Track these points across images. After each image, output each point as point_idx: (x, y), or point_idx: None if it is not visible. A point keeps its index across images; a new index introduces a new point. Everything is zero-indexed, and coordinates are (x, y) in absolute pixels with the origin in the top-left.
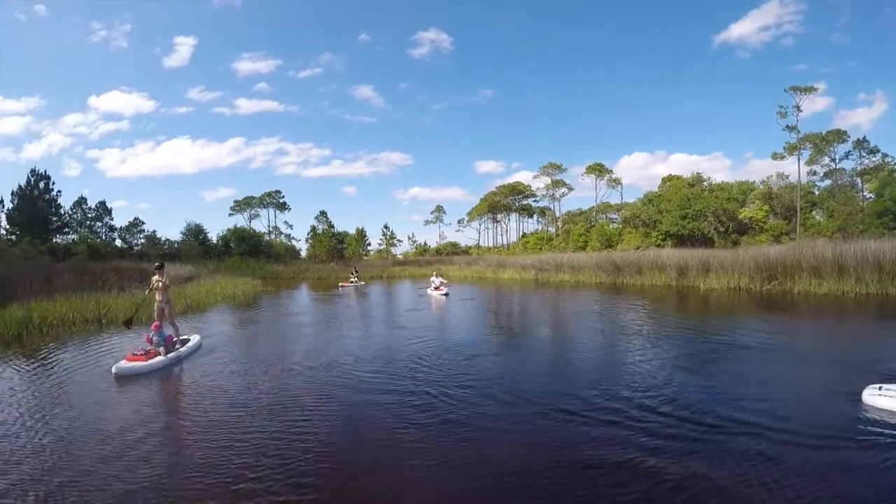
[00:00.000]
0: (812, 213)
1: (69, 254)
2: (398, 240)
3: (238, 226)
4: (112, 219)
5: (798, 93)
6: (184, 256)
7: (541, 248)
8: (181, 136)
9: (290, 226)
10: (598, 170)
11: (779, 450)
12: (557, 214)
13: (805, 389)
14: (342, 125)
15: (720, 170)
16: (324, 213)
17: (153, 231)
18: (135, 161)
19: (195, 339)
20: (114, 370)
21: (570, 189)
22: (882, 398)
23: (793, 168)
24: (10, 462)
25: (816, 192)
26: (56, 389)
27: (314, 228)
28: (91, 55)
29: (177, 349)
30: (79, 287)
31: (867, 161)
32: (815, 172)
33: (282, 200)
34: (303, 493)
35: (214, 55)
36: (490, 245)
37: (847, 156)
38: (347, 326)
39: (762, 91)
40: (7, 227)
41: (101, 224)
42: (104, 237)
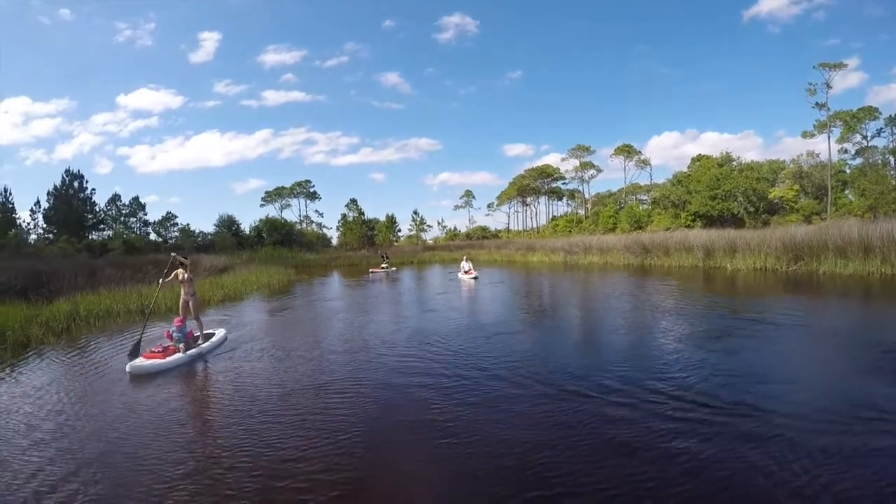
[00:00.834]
0: (844, 193)
1: (106, 249)
2: (428, 225)
3: (269, 216)
4: (146, 213)
5: (827, 69)
6: (217, 247)
7: (570, 231)
8: (210, 130)
9: (321, 214)
10: (627, 151)
11: (809, 432)
12: (587, 197)
13: (831, 371)
14: (370, 112)
15: (751, 148)
16: (354, 201)
17: (187, 224)
18: (165, 156)
19: (220, 334)
20: (128, 368)
21: (599, 171)
22: None
23: (823, 146)
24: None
25: (847, 171)
26: (92, 379)
27: (345, 216)
28: (117, 55)
29: (199, 345)
30: (120, 280)
31: None
32: (847, 150)
33: (312, 190)
34: (336, 486)
35: (239, 49)
36: (520, 229)
37: (879, 133)
38: (379, 311)
39: (793, 66)
40: (44, 226)
41: (136, 219)
42: (139, 232)
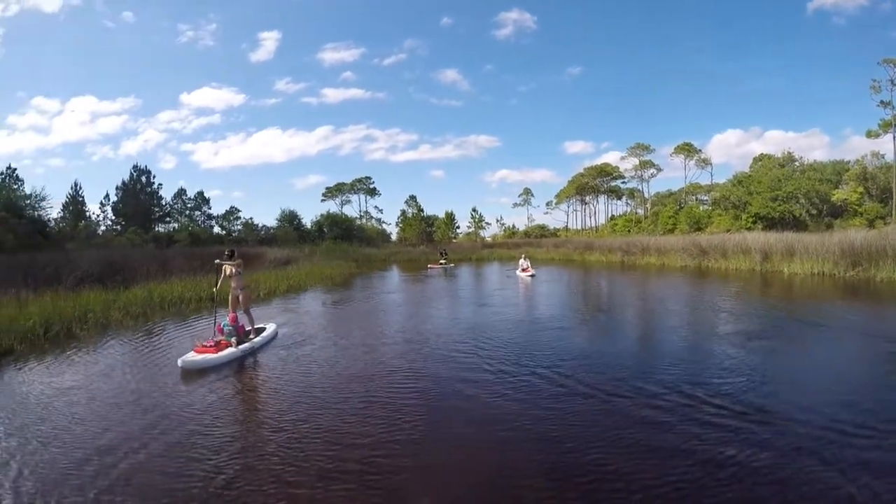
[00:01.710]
0: None
1: (172, 241)
2: (486, 222)
3: (330, 211)
4: (210, 207)
5: (892, 65)
6: (280, 241)
7: (629, 231)
8: (271, 127)
9: (381, 210)
10: (687, 150)
11: (862, 446)
12: (646, 196)
13: (887, 382)
14: (429, 109)
15: (818, 147)
16: (413, 198)
17: (250, 218)
18: (227, 152)
19: (271, 328)
20: (180, 363)
21: (659, 170)
22: None
23: (889, 146)
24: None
25: None
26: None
27: (404, 212)
28: (180, 55)
29: (250, 339)
30: (190, 270)
31: None
32: None
33: (372, 186)
34: (385, 478)
35: (299, 47)
36: (578, 227)
37: None
38: (436, 305)
39: (859, 60)
40: (112, 218)
41: (200, 213)
42: (202, 225)
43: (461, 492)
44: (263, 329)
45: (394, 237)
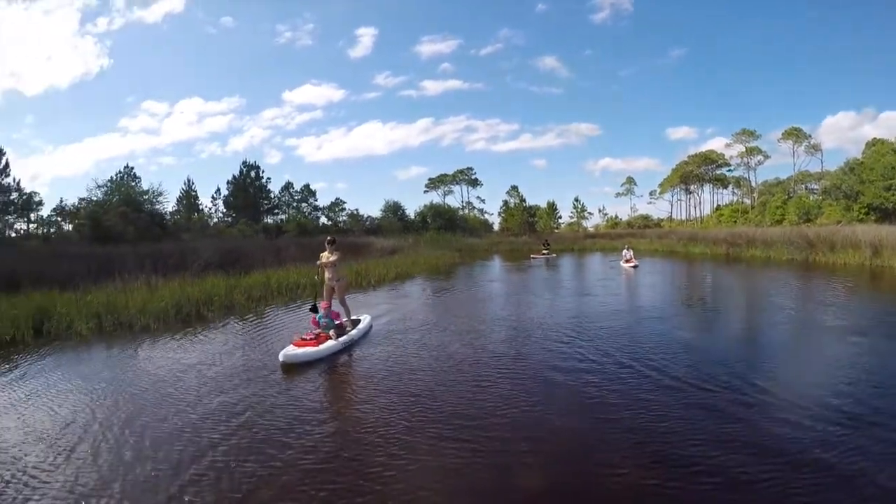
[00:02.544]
0: None
1: (281, 231)
2: (589, 212)
3: (433, 202)
4: (316, 199)
5: None
6: (384, 231)
7: (735, 222)
8: (372, 121)
9: (483, 200)
10: (796, 135)
11: None
12: (753, 185)
13: None
14: (528, 98)
15: None
16: (515, 188)
17: (356, 209)
18: (330, 146)
19: (366, 320)
20: (281, 357)
21: (767, 157)
22: None
23: None
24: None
25: None
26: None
27: (506, 202)
28: (280, 55)
29: (348, 331)
30: (302, 258)
31: None
32: None
33: (473, 177)
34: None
35: (396, 41)
36: (683, 218)
37: None
38: (538, 294)
39: None
40: (224, 211)
41: (307, 204)
42: (309, 216)
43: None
44: (359, 321)
45: (496, 227)
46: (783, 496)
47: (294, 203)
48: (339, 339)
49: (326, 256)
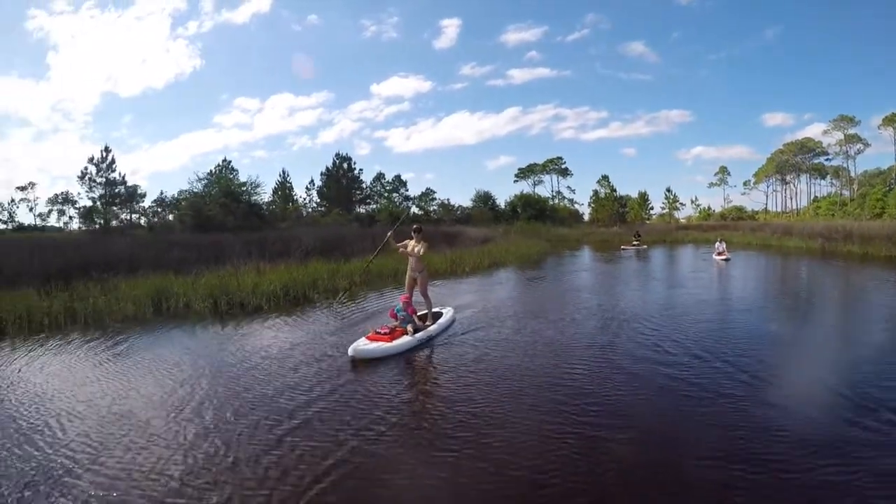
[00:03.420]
0: None
1: (373, 220)
2: (681, 203)
3: (524, 192)
4: (407, 189)
5: None
6: (475, 221)
7: (833, 215)
8: (460, 111)
9: (573, 190)
10: None
11: None
12: (852, 175)
13: None
14: (617, 85)
15: None
16: (605, 178)
17: (447, 199)
18: (418, 137)
19: (448, 314)
20: (350, 352)
21: (867, 145)
22: None
23: None
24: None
25: None
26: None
27: (596, 193)
28: (366, 49)
29: (426, 326)
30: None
31: None
32: None
33: (563, 166)
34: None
35: (481, 31)
36: (778, 210)
37: None
38: (629, 285)
39: None
40: (317, 201)
41: (398, 194)
42: (400, 206)
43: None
44: (440, 314)
45: (586, 218)
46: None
47: (385, 193)
48: (416, 336)
49: (412, 245)
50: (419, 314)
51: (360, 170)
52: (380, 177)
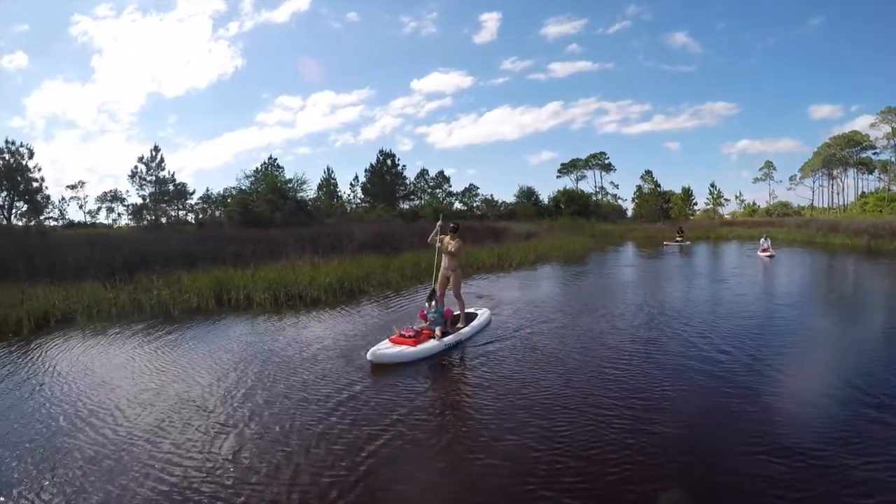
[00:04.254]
0: None
1: (417, 216)
2: (725, 199)
3: (567, 187)
4: (450, 185)
5: None
6: (518, 216)
7: (881, 211)
8: (501, 106)
9: (616, 186)
10: None
11: None
12: None
13: None
14: (660, 77)
15: None
16: (649, 173)
17: (491, 194)
18: (460, 132)
19: (484, 315)
20: (369, 356)
21: None
22: None
23: None
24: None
25: None
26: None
27: (639, 188)
28: (406, 45)
29: (458, 329)
30: None
31: None
32: None
33: (606, 161)
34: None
35: (520, 25)
36: (825, 206)
37: None
38: (672, 281)
39: None
40: (361, 197)
41: (441, 190)
42: (444, 202)
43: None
44: (475, 316)
45: (629, 213)
46: None
47: (428, 189)
48: (444, 340)
49: (448, 242)
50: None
51: (404, 166)
52: (423, 173)
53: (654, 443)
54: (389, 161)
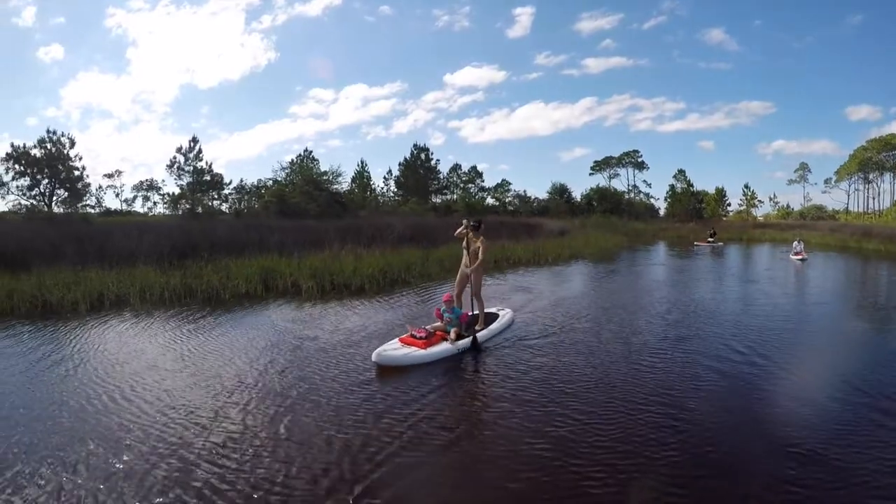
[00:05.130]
0: None
1: (450, 210)
2: (759, 200)
3: (599, 185)
4: (483, 181)
5: None
6: (551, 213)
7: None
8: (534, 101)
9: (649, 185)
10: None
11: None
12: None
13: None
14: (695, 74)
15: None
16: (682, 172)
17: (524, 190)
18: (492, 127)
19: (506, 316)
20: (374, 357)
21: None
22: None
23: None
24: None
25: None
26: None
27: (672, 187)
28: (439, 39)
29: (475, 332)
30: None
31: None
32: None
33: (640, 160)
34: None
35: (554, 19)
36: (860, 210)
37: None
38: (704, 280)
39: None
40: (394, 191)
41: (473, 185)
42: (476, 197)
43: None
44: (496, 317)
45: (661, 212)
46: None
47: (461, 184)
48: (457, 343)
49: (473, 240)
50: (471, 314)
51: (437, 160)
52: (456, 167)
53: (686, 461)
54: (423, 155)
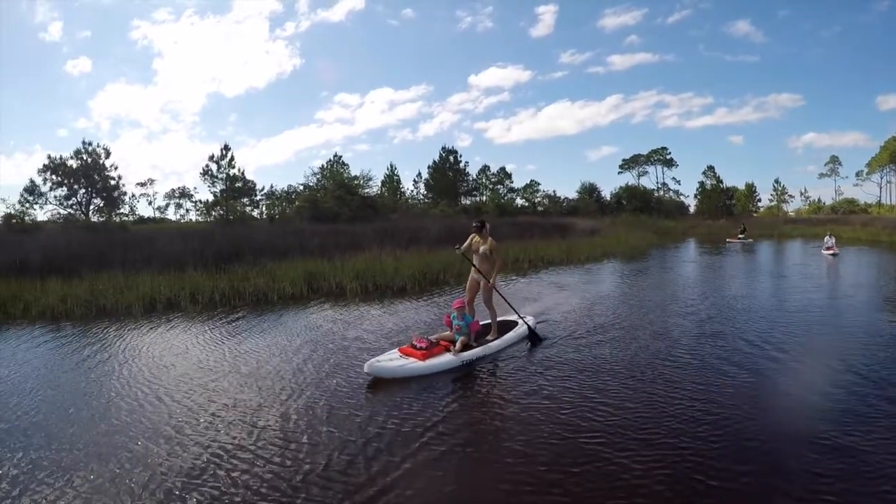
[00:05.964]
0: None
1: (480, 212)
2: (790, 195)
3: (628, 184)
4: (511, 182)
5: None
6: (580, 212)
7: None
8: (560, 100)
9: (678, 182)
10: None
11: None
12: None
13: None
14: (722, 68)
15: None
16: (711, 168)
17: (553, 190)
18: (519, 127)
19: (522, 327)
20: (366, 368)
21: None
22: None
23: None
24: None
25: None
26: None
27: (702, 184)
28: (463, 40)
29: (486, 342)
30: (510, 236)
31: None
32: None
33: (668, 157)
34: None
35: (578, 17)
36: (893, 203)
37: None
38: (735, 279)
39: None
40: (424, 193)
41: (502, 186)
42: (505, 198)
43: None
44: (513, 325)
45: (691, 210)
46: None
47: (490, 185)
48: (461, 355)
49: (477, 241)
50: (482, 323)
51: (466, 162)
52: (485, 169)
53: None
54: (452, 157)
